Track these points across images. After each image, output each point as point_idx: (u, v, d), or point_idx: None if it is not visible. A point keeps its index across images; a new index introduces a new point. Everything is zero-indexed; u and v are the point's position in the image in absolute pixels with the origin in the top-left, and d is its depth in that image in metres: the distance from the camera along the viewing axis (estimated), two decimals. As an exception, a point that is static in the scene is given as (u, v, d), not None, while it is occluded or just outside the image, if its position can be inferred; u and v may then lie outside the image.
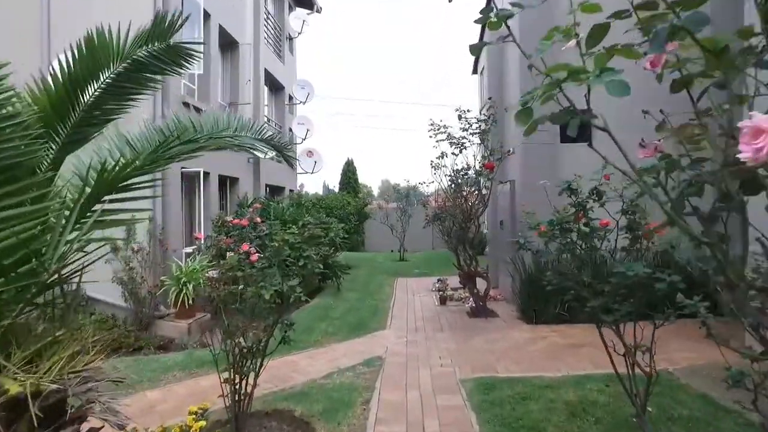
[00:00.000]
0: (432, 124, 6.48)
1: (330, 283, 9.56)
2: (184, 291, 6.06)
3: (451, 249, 9.87)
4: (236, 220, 6.85)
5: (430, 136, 6.58)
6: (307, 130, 13.10)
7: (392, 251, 18.92)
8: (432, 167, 6.81)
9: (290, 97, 13.92)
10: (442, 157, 6.75)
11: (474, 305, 7.27)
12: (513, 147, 7.32)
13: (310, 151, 14.25)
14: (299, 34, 13.61)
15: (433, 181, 6.98)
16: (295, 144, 13.89)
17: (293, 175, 14.32)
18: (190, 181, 7.74)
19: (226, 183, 9.38)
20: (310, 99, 13.44)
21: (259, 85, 10.93)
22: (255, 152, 3.95)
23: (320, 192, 24.49)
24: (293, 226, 8.72)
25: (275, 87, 13.29)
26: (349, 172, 23.23)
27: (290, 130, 13.43)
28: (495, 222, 9.59)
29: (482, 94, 21.69)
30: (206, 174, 8.12)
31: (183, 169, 7.17)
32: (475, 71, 22.55)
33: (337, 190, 21.85)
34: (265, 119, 12.26)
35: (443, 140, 6.55)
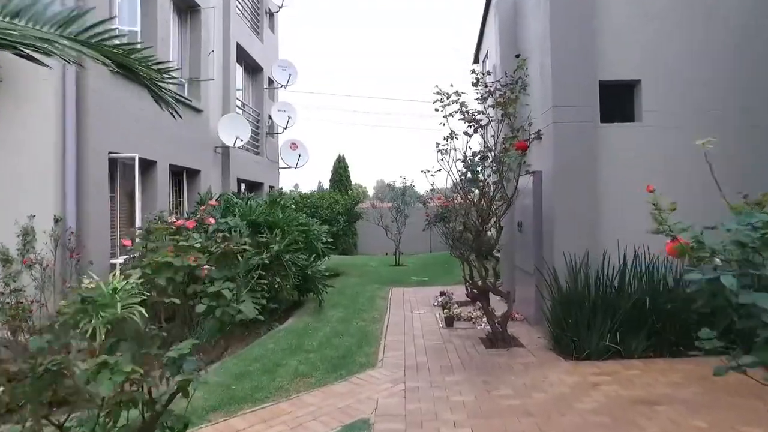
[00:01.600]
0: (439, 92, 4.86)
1: (311, 296, 7.90)
2: (94, 322, 4.38)
3: (455, 255, 8.25)
4: (180, 221, 5.21)
5: (437, 109, 4.95)
6: (289, 118, 11.44)
7: (387, 254, 17.30)
8: (438, 151, 5.17)
9: (270, 81, 12.24)
10: (451, 139, 5.11)
11: (491, 330, 5.64)
12: (540, 128, 5.69)
13: (293, 143, 12.60)
14: (280, 8, 11.94)
15: (440, 169, 5.34)
16: (276, 134, 12.23)
17: (274, 171, 12.65)
18: (126, 170, 6.05)
19: (183, 176, 7.70)
20: (293, 82, 11.78)
21: (229, 61, 9.25)
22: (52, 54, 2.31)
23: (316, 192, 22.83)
24: (266, 230, 7.06)
25: (252, 68, 11.62)
26: (340, 169, 21.63)
27: (269, 118, 11.76)
28: (508, 222, 7.93)
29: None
30: (150, 163, 6.45)
31: (112, 155, 5.48)
32: (476, 60, 21.00)
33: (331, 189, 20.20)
34: (239, 104, 10.59)
35: (455, 113, 4.90)
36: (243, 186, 11.09)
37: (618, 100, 5.90)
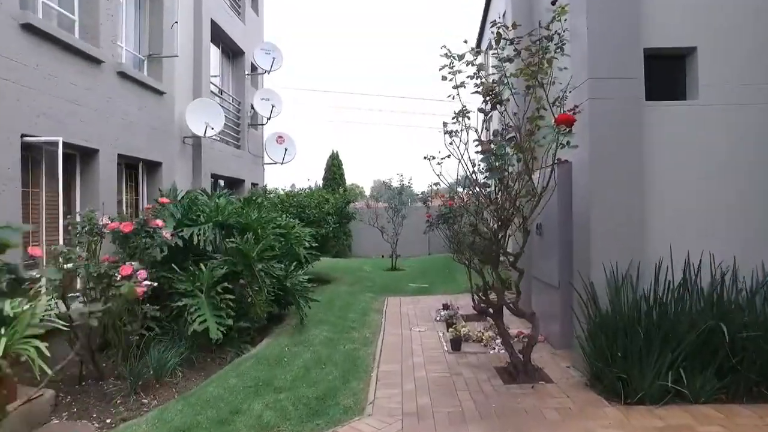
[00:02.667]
0: (448, 54, 3.68)
1: (294, 309, 6.72)
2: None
3: (461, 262, 7.11)
4: (114, 224, 4.06)
5: (444, 77, 3.78)
6: (273, 107, 10.27)
7: (383, 257, 16.19)
8: (446, 133, 3.99)
9: (254, 68, 11.07)
10: (462, 117, 3.94)
11: (510, 360, 4.50)
12: (576, 105, 4.54)
13: (280, 136, 11.45)
14: (264, -14, 10.77)
15: (448, 156, 4.17)
16: (260, 125, 11.07)
17: (258, 167, 11.48)
18: (51, 159, 4.83)
19: (139, 169, 6.51)
20: (277, 67, 10.60)
21: (201, 39, 8.08)
22: None
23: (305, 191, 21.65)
24: (236, 234, 5.88)
25: (232, 52, 10.44)
26: (333, 167, 20.47)
27: (252, 108, 10.59)
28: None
29: (487, 62, 19.03)
30: (89, 151, 5.26)
31: (27, 138, 4.29)
32: (478, 46, 19.89)
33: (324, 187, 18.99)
34: (215, 90, 9.41)
35: (471, 78, 3.72)
36: (222, 183, 9.92)
37: (666, 75, 4.78)
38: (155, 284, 4.12)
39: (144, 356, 4.37)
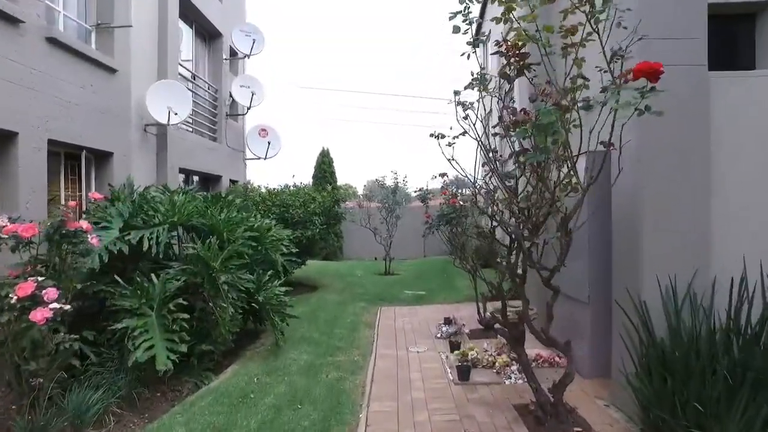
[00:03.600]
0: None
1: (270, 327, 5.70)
2: None
3: (467, 269, 6.14)
4: (12, 227, 3.05)
5: (456, 29, 2.75)
6: (253, 94, 9.23)
7: (375, 259, 15.22)
8: (458, 105, 2.97)
9: (234, 53, 10.01)
10: (481, 84, 2.91)
11: (536, 399, 3.51)
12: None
13: (263, 129, 10.41)
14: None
15: (463, 133, 3.15)
16: (239, 116, 10.03)
17: (238, 162, 10.43)
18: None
19: (81, 159, 5.44)
20: (258, 50, 9.56)
21: (166, 11, 7.02)
22: None
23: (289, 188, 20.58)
24: (195, 238, 4.81)
25: (208, 34, 9.38)
26: (324, 164, 19.40)
27: (230, 95, 9.54)
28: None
29: (485, 61, 18.09)
30: (5, 135, 4.20)
31: None
32: (476, 45, 18.84)
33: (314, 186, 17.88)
34: (187, 74, 8.36)
35: (497, 23, 2.71)
36: (194, 179, 8.87)
37: (728, 39, 3.83)
38: (69, 307, 3.08)
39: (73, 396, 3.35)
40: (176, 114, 6.25)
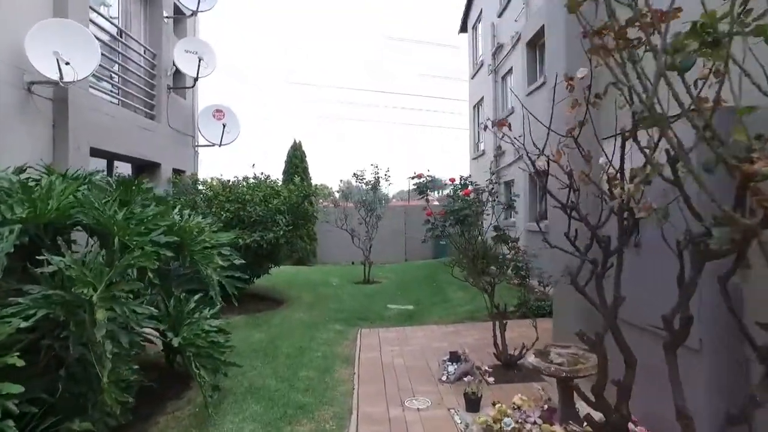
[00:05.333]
0: None
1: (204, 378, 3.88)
2: None
3: (480, 287, 4.50)
4: None
5: None
6: (200, 61, 7.36)
7: (353, 263, 13.52)
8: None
9: (178, 10, 8.09)
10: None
11: None
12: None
13: (218, 110, 8.59)
14: None
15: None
16: (185, 88, 8.13)
17: (185, 148, 8.51)
18: None
19: None
20: (208, 7, 7.69)
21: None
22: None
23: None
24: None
25: (143, -16, 7.44)
26: (295, 158, 17.53)
27: (173, 64, 7.62)
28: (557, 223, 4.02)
29: (474, 52, 16.58)
30: None
31: None
32: (464, 29, 17.42)
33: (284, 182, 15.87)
34: (113, 30, 6.43)
35: None
36: (124, 167, 6.93)
37: None
38: None
39: None
40: (68, 63, 4.35)
